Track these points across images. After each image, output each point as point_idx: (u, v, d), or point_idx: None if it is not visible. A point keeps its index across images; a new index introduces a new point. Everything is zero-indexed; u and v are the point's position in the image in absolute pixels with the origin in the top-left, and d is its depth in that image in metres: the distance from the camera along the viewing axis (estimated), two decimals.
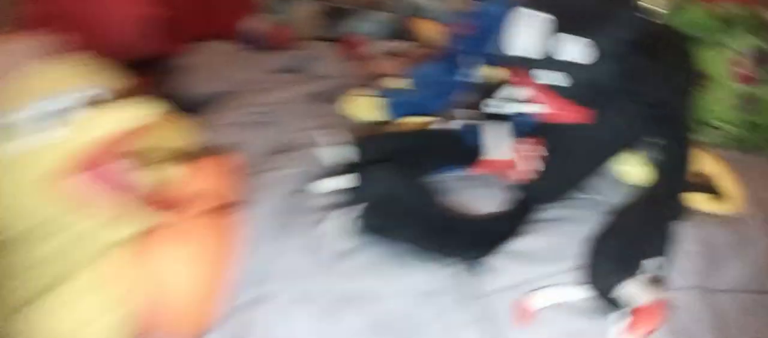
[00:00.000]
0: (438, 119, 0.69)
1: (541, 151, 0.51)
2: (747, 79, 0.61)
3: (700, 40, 0.63)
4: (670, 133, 0.47)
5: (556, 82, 0.44)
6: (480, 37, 0.69)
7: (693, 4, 0.59)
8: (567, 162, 0.51)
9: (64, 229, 0.48)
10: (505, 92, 0.54)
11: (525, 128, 0.53)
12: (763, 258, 0.56)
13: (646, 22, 0.51)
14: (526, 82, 0.47)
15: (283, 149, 0.73)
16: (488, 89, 0.60)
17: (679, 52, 0.51)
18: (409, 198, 0.47)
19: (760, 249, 0.57)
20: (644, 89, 0.42)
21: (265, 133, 0.79)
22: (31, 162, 0.46)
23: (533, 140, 0.52)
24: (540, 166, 0.51)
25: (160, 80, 1.02)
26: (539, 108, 0.49)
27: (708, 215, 0.56)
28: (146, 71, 0.61)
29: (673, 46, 0.51)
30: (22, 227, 0.48)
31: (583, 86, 0.44)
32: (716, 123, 0.63)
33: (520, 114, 0.51)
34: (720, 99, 0.62)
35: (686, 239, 0.53)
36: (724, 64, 0.61)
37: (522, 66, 0.47)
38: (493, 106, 0.55)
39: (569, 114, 0.46)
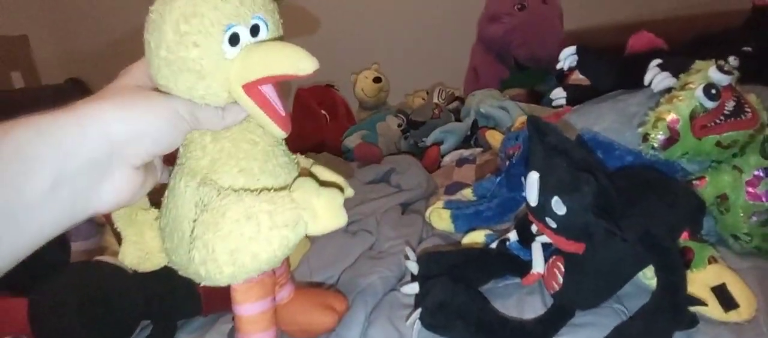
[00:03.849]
0: (496, 233, 0.87)
1: (562, 269, 0.66)
2: (759, 197, 0.70)
3: (716, 167, 0.75)
4: (658, 260, 0.60)
5: (549, 224, 0.61)
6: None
7: (701, 140, 0.70)
8: (582, 280, 0.65)
9: None
10: None
11: (554, 249, 0.69)
12: None
13: (628, 175, 0.66)
14: (532, 219, 0.65)
15: (378, 257, 0.94)
16: None
17: (661, 192, 0.65)
18: (461, 304, 0.65)
19: None
20: (624, 227, 0.56)
21: (363, 241, 1.01)
22: None
23: (559, 259, 0.67)
24: (565, 281, 0.66)
25: None
26: (546, 239, 0.66)
27: (719, 323, 0.63)
28: None
29: (652, 188, 0.66)
30: None
31: (564, 229, 0.60)
32: (737, 234, 0.72)
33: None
34: (738, 215, 0.72)
35: None
36: (739, 185, 0.72)
37: (528, 207, 0.65)
38: (533, 229, 0.72)
39: (565, 246, 0.63)
